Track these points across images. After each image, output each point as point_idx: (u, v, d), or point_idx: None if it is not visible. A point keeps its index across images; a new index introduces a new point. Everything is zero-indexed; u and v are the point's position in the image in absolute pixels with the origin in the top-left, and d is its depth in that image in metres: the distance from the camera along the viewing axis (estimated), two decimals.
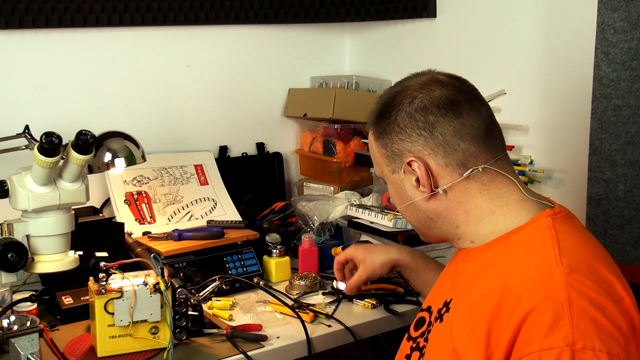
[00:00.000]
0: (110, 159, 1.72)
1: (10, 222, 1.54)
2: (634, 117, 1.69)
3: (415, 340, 1.28)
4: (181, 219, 2.10)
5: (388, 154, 1.24)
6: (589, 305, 1.02)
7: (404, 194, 1.25)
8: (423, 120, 1.18)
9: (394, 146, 1.22)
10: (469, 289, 1.16)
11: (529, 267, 1.08)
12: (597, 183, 1.77)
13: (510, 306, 1.05)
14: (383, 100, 1.25)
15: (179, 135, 2.27)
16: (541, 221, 1.15)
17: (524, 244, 1.14)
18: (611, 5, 1.69)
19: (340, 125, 2.36)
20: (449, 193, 1.20)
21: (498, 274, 1.11)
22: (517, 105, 2.03)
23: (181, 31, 2.22)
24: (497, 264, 1.14)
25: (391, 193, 1.30)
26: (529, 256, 1.11)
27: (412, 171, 1.21)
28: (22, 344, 1.32)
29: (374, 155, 1.29)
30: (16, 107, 1.99)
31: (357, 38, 2.58)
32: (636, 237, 1.72)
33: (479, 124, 1.20)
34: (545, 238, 1.12)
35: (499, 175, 1.20)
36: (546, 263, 1.07)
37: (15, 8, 1.87)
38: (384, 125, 1.23)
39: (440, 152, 1.18)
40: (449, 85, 1.21)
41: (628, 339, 1.02)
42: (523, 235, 1.15)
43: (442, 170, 1.19)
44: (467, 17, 2.17)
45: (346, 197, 2.23)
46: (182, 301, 1.52)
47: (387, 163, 1.25)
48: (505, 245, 1.16)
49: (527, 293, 1.04)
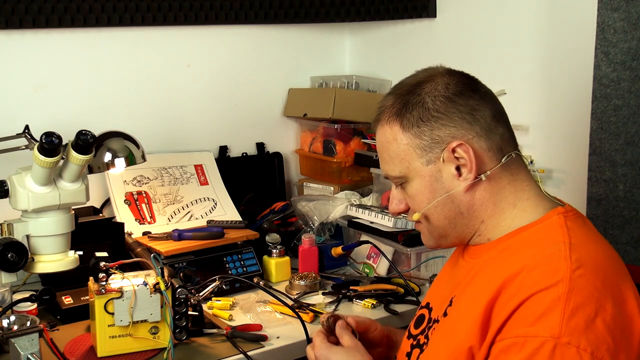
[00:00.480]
0: (110, 159, 1.72)
1: (10, 222, 1.54)
2: (634, 117, 1.69)
3: (416, 337, 1.27)
4: (181, 219, 2.10)
5: (424, 144, 1.16)
6: (587, 303, 1.01)
7: (439, 186, 1.18)
8: (464, 104, 1.15)
9: (435, 133, 1.15)
10: (474, 283, 1.16)
11: (536, 259, 1.08)
12: (597, 183, 1.77)
13: (511, 291, 1.05)
14: (402, 91, 1.19)
15: (179, 135, 2.27)
16: (553, 218, 1.14)
17: (535, 239, 1.13)
18: (611, 5, 1.69)
19: (340, 125, 2.36)
20: (486, 182, 1.16)
21: (505, 264, 1.11)
22: (517, 105, 2.02)
23: (181, 31, 2.22)
24: (507, 257, 1.13)
25: (418, 191, 1.19)
26: (538, 249, 1.10)
27: (453, 159, 1.15)
28: (22, 344, 1.32)
29: (398, 151, 1.19)
30: (16, 107, 1.99)
31: (357, 38, 2.58)
32: (636, 237, 1.72)
33: (503, 110, 1.20)
34: (556, 234, 1.11)
35: (523, 167, 1.20)
36: (554, 256, 1.07)
37: (15, 8, 1.87)
38: (417, 114, 1.16)
39: (484, 136, 1.15)
40: (465, 74, 1.21)
41: (620, 344, 1.01)
42: (535, 231, 1.15)
43: (485, 155, 1.16)
44: (467, 17, 2.17)
45: (346, 197, 2.24)
46: (182, 301, 1.51)
47: (420, 154, 1.17)
48: (517, 239, 1.15)
49: (530, 281, 1.04)
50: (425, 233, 1.26)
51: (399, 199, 1.25)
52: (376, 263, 2.03)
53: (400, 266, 1.98)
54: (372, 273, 2.02)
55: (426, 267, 1.97)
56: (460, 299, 1.18)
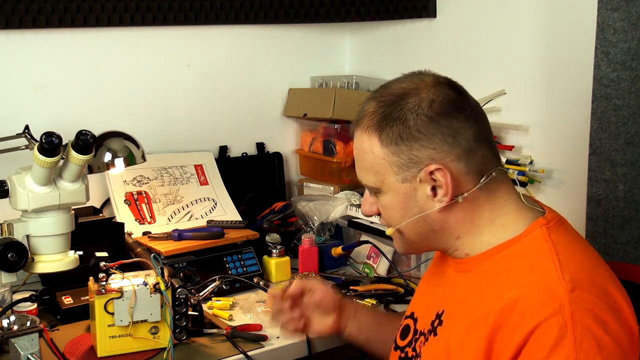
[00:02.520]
0: (110, 159, 1.72)
1: (10, 222, 1.54)
2: (634, 117, 1.69)
3: (404, 349, 1.26)
4: (181, 219, 2.10)
5: (401, 162, 1.13)
6: (592, 323, 1.01)
7: (412, 204, 1.15)
8: (447, 125, 1.11)
9: (413, 153, 1.12)
10: (465, 303, 1.14)
11: (530, 283, 1.06)
12: (597, 183, 1.76)
13: (513, 323, 1.03)
14: (385, 101, 1.16)
15: (179, 135, 2.27)
16: (536, 232, 1.12)
17: (522, 257, 1.11)
18: (611, 5, 1.68)
19: (340, 125, 2.36)
20: (463, 202, 1.14)
21: (498, 290, 1.08)
22: (517, 105, 2.02)
23: (181, 31, 2.22)
24: (496, 279, 1.11)
25: (391, 205, 1.18)
26: (529, 271, 1.08)
27: (430, 180, 1.12)
28: (22, 344, 1.32)
29: (374, 163, 1.16)
30: (16, 107, 1.99)
31: (357, 38, 2.58)
32: (636, 237, 1.72)
33: (487, 126, 1.17)
34: (543, 250, 1.09)
35: (503, 183, 1.17)
36: (547, 278, 1.05)
37: (15, 8, 1.87)
38: (398, 131, 1.12)
39: (464, 159, 1.12)
40: (452, 86, 1.16)
41: (627, 353, 1.03)
42: (520, 247, 1.12)
43: (463, 178, 1.13)
44: (467, 17, 2.17)
45: (346, 197, 2.23)
46: (182, 301, 1.52)
47: (396, 171, 1.14)
48: (503, 256, 1.13)
49: (531, 310, 1.02)
50: (397, 241, 1.23)
51: (371, 202, 1.22)
52: (376, 263, 2.03)
53: (400, 266, 1.99)
54: (372, 273, 2.02)
55: (426, 267, 1.97)
56: (451, 318, 1.16)
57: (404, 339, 1.27)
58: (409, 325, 1.28)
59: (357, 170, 1.22)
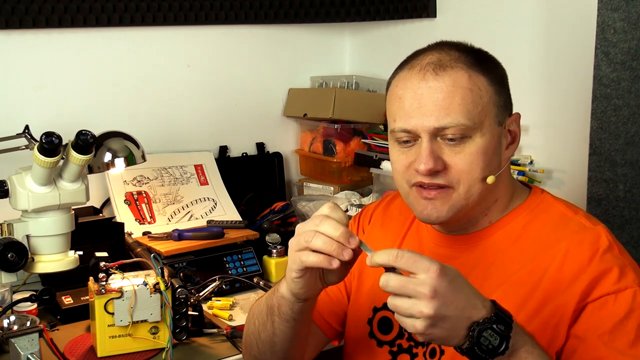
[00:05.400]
0: (110, 159, 1.72)
1: (10, 222, 1.54)
2: (634, 117, 1.69)
3: (393, 343, 1.21)
4: (181, 219, 2.10)
5: (501, 103, 1.13)
6: (624, 250, 1.13)
7: (498, 152, 1.13)
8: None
9: (508, 98, 1.16)
10: (497, 266, 1.13)
11: (573, 234, 1.11)
12: (597, 183, 1.76)
13: (571, 273, 1.08)
14: (466, 49, 1.17)
15: (179, 135, 2.27)
16: (541, 194, 1.20)
17: (546, 211, 1.17)
18: (611, 5, 1.68)
19: (340, 125, 2.36)
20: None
21: (543, 244, 1.12)
22: (517, 105, 2.00)
23: (181, 31, 2.22)
24: (520, 239, 1.14)
25: (483, 150, 1.10)
26: (564, 224, 1.14)
27: (510, 127, 1.16)
28: (22, 344, 1.32)
29: (479, 101, 1.10)
30: (16, 107, 1.99)
31: (357, 38, 2.58)
32: (636, 237, 1.72)
33: None
34: (555, 204, 1.17)
35: None
36: (573, 221, 1.13)
37: (15, 8, 1.87)
38: (500, 72, 1.15)
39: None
40: None
41: None
42: (529, 205, 1.18)
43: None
44: (467, 17, 2.17)
45: (346, 197, 2.23)
46: (182, 301, 1.51)
47: (497, 112, 1.12)
48: (525, 215, 1.17)
49: (584, 255, 1.09)
50: (446, 201, 1.10)
51: (437, 156, 1.09)
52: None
53: None
54: None
55: None
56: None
57: (388, 333, 1.22)
58: (388, 317, 1.22)
59: (439, 114, 1.08)
